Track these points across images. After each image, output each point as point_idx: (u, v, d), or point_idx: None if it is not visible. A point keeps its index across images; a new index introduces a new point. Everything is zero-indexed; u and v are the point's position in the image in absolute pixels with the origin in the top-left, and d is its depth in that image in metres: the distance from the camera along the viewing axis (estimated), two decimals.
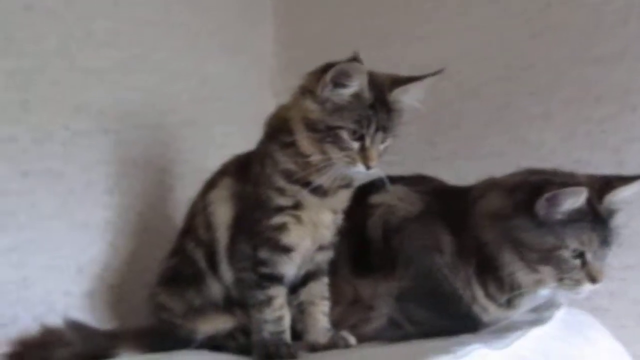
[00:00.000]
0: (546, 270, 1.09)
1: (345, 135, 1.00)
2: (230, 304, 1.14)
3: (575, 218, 1.06)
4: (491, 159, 1.60)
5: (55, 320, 1.22)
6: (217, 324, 1.14)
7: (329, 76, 1.00)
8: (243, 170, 1.14)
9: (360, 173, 1.04)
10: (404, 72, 1.11)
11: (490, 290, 1.14)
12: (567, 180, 1.09)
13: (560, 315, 1.17)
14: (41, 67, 1.33)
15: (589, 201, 1.07)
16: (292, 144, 1.05)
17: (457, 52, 1.64)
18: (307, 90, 1.03)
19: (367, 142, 1.02)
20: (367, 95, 1.02)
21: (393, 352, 0.98)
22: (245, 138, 1.82)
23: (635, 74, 1.42)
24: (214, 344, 1.14)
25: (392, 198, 1.26)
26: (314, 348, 1.10)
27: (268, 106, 1.95)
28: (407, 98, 1.07)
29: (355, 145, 1.01)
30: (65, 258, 1.35)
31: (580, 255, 1.07)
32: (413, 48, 1.70)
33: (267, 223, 1.05)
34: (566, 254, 1.07)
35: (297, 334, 1.12)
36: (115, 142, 1.44)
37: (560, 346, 1.09)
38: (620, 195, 1.10)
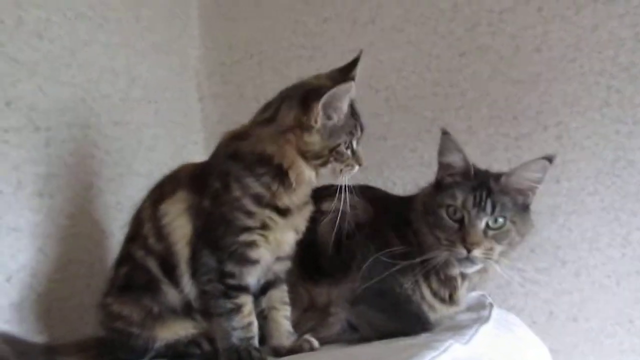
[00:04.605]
0: (439, 234, 1.18)
1: (344, 149, 1.08)
2: (189, 310, 1.11)
3: (461, 181, 1.20)
4: (418, 168, 1.70)
5: None
6: (178, 330, 1.10)
7: (321, 105, 1.03)
8: (197, 183, 1.11)
9: (354, 174, 1.12)
10: None
11: (434, 286, 1.23)
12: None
13: (493, 314, 1.28)
14: None
15: (482, 172, 1.22)
16: (266, 174, 1.06)
17: (390, 66, 1.72)
18: (294, 127, 1.05)
19: (354, 145, 1.10)
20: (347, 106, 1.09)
21: (376, 352, 1.01)
22: (172, 142, 1.78)
23: (547, 97, 1.59)
24: (174, 352, 1.10)
25: (343, 205, 1.29)
26: (279, 352, 1.10)
27: (194, 111, 1.93)
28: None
29: (349, 152, 1.09)
30: None
31: (460, 220, 1.17)
32: (345, 60, 1.75)
33: (234, 239, 1.05)
34: (443, 212, 1.18)
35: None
36: (45, 140, 1.33)
37: (502, 342, 1.19)
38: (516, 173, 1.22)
